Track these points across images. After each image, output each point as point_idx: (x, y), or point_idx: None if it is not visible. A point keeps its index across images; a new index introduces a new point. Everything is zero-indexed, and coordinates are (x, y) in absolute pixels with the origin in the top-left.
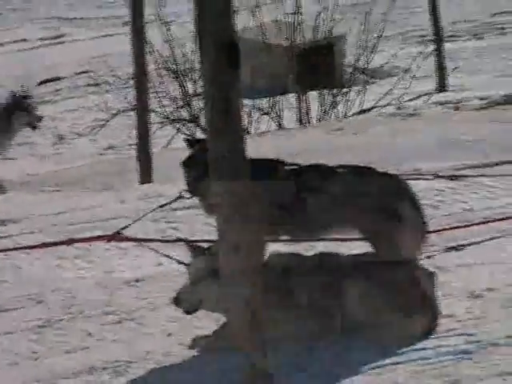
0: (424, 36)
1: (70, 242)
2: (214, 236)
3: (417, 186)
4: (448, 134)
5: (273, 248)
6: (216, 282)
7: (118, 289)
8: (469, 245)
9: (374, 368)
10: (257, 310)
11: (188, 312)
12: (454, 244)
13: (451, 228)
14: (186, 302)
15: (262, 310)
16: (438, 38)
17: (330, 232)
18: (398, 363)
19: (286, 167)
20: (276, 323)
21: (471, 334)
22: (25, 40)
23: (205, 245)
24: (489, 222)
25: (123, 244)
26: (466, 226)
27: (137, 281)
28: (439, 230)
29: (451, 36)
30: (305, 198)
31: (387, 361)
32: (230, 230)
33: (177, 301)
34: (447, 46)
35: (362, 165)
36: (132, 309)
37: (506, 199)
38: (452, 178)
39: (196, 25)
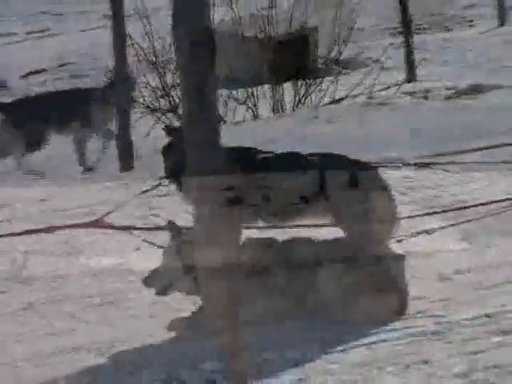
0: (395, 28)
1: (53, 229)
2: (191, 222)
3: (387, 173)
4: (417, 122)
5: (248, 234)
6: (186, 266)
7: (102, 272)
8: (437, 230)
9: (345, 349)
10: (232, 296)
11: (159, 293)
12: (423, 229)
13: (421, 215)
14: (156, 283)
15: (237, 297)
16: (408, 31)
17: (303, 218)
18: (369, 343)
19: (261, 155)
20: (249, 305)
21: (440, 315)
22: (12, 34)
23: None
24: (457, 208)
25: (104, 230)
26: (434, 213)
27: (119, 265)
28: (409, 217)
29: (420, 28)
30: (279, 185)
31: (359, 341)
32: (205, 216)
33: (146, 282)
34: (416, 38)
35: (334, 152)
36: (115, 292)
37: (473, 185)
38: (421, 165)
39: (173, 18)
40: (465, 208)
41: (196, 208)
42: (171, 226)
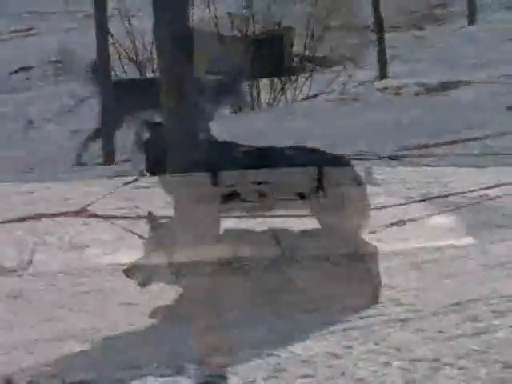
0: (367, 27)
1: (38, 217)
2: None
3: (360, 166)
4: (389, 117)
5: (226, 224)
6: (166, 257)
7: (85, 261)
8: (409, 220)
9: (319, 335)
10: (212, 284)
11: (140, 284)
12: (394, 220)
13: (393, 205)
14: (138, 274)
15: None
16: (380, 29)
17: (280, 209)
18: (344, 330)
19: (240, 149)
20: (227, 296)
21: (411, 304)
22: None
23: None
24: (427, 199)
25: (88, 219)
26: (406, 204)
27: (103, 254)
28: (382, 207)
29: (392, 27)
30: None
31: (334, 328)
32: (184, 207)
33: (128, 272)
34: (388, 35)
35: (309, 146)
36: (99, 280)
37: (443, 178)
38: (393, 158)
39: (154, 17)
40: (437, 198)
41: (176, 200)
42: (151, 218)
